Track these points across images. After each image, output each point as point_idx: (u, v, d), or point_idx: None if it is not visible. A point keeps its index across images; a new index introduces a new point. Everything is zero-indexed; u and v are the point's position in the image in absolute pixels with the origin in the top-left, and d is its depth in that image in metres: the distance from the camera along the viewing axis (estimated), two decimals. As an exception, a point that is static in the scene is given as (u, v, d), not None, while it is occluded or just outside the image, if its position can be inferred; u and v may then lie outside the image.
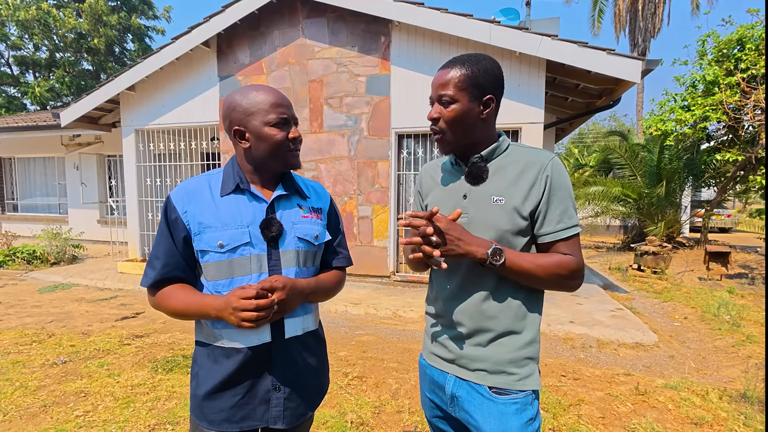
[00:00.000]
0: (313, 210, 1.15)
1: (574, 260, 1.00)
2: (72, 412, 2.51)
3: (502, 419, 1.00)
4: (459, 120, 1.02)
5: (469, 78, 1.00)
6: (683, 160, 9.09)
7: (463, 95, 1.00)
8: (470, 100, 1.01)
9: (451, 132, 1.04)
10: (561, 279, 1.00)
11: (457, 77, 1.00)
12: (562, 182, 1.01)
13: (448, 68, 1.03)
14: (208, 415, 1.04)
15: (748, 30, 6.87)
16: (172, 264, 1.04)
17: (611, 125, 25.62)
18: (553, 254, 1.01)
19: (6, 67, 17.81)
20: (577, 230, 1.02)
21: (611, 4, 19.52)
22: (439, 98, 1.03)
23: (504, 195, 1.01)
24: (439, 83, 1.03)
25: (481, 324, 1.04)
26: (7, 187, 10.73)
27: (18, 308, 4.85)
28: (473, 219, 1.04)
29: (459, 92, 1.00)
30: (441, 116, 1.03)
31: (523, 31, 4.82)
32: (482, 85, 1.01)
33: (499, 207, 1.02)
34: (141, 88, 6.55)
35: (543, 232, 1.02)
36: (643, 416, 2.54)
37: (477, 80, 1.00)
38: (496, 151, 1.07)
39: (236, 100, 1.03)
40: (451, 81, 1.01)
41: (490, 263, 0.96)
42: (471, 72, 1.00)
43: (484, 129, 1.05)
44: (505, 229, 1.01)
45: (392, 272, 5.73)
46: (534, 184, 1.00)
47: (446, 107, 1.02)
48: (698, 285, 6.26)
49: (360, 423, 2.42)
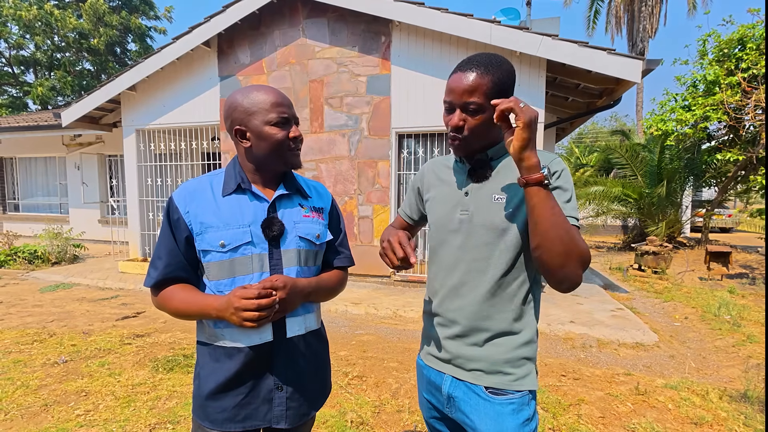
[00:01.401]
0: (315, 209, 1.15)
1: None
2: (73, 411, 2.52)
3: (498, 420, 1.00)
4: (484, 129, 0.99)
5: (496, 85, 0.96)
6: (684, 160, 9.08)
7: (488, 103, 0.96)
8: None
9: (472, 139, 1.01)
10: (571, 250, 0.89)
11: (486, 84, 0.95)
12: (563, 181, 0.99)
13: (471, 71, 0.96)
14: (210, 415, 1.04)
15: (749, 29, 6.87)
16: (175, 264, 1.04)
17: (612, 125, 25.61)
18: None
19: (8, 67, 17.84)
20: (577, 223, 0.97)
21: (606, 4, 19.51)
22: (465, 105, 0.97)
23: (505, 194, 1.01)
24: (464, 89, 0.96)
25: (477, 324, 1.04)
26: (8, 186, 10.75)
27: (19, 308, 4.86)
28: (473, 216, 1.04)
29: (487, 100, 0.95)
30: (465, 125, 0.99)
31: (524, 30, 4.82)
32: (507, 92, 0.98)
33: (500, 206, 1.01)
34: (142, 88, 6.55)
35: None
36: (643, 416, 2.54)
37: (504, 86, 0.97)
38: (502, 150, 1.06)
39: (237, 99, 1.03)
40: (479, 88, 0.95)
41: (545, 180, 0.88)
42: (498, 78, 0.96)
43: (496, 131, 1.04)
44: (504, 227, 1.01)
45: (392, 272, 5.73)
46: None
47: (473, 116, 0.98)
48: (699, 285, 6.26)
49: (360, 422, 2.42)
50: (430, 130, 5.47)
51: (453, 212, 1.08)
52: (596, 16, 19.37)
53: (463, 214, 1.05)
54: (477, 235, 1.03)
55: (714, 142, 8.49)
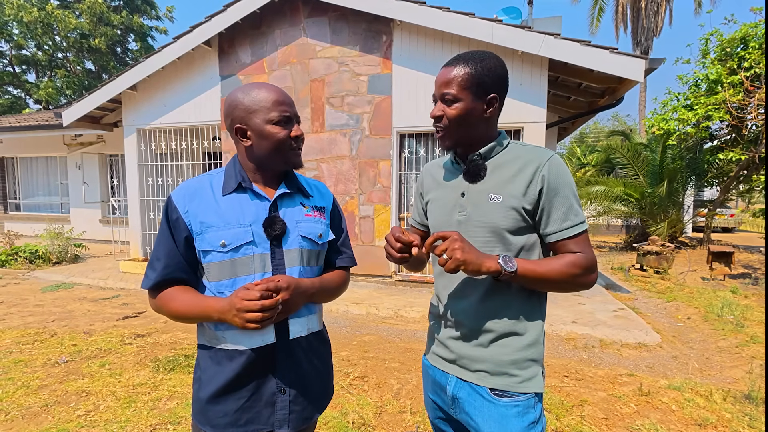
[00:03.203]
0: (317, 209, 1.14)
1: (584, 257, 0.98)
2: (74, 412, 2.51)
3: (502, 422, 0.99)
4: (462, 119, 1.01)
5: (472, 77, 0.99)
6: (686, 160, 9.05)
7: (466, 94, 0.99)
8: (473, 98, 1.00)
9: (453, 130, 1.03)
10: (575, 278, 0.97)
11: (461, 76, 0.99)
12: (562, 180, 0.99)
13: (451, 66, 1.01)
14: (211, 420, 1.02)
15: (751, 28, 6.83)
16: (174, 265, 1.02)
17: (613, 125, 25.57)
18: (563, 255, 0.99)
19: (9, 67, 17.86)
20: (585, 227, 1.00)
21: (612, 2, 19.46)
22: (442, 96, 1.01)
23: (501, 193, 1.01)
24: (443, 81, 1.01)
25: (482, 324, 1.03)
26: (9, 186, 10.76)
27: (20, 307, 4.86)
28: (471, 217, 1.03)
29: (462, 91, 0.99)
30: (444, 114, 1.02)
31: (526, 29, 4.80)
32: (486, 84, 1.00)
33: (497, 205, 1.01)
34: (143, 87, 6.55)
35: (549, 231, 1.00)
36: (646, 417, 2.52)
37: (481, 79, 0.99)
38: (495, 149, 1.06)
39: (238, 98, 1.02)
40: (454, 79, 0.99)
41: (505, 272, 0.93)
42: (475, 70, 0.99)
43: (487, 127, 1.05)
44: (502, 227, 1.00)
45: (394, 272, 5.72)
46: (530, 182, 0.99)
47: (449, 105, 1.01)
48: (701, 285, 6.24)
49: (362, 423, 2.41)
50: (431, 130, 5.45)
51: (452, 214, 1.08)
52: (600, 14, 19.31)
53: (461, 216, 1.05)
54: (476, 235, 1.02)
55: (716, 141, 8.45)
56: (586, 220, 0.99)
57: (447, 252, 0.92)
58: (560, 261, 0.98)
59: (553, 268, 0.96)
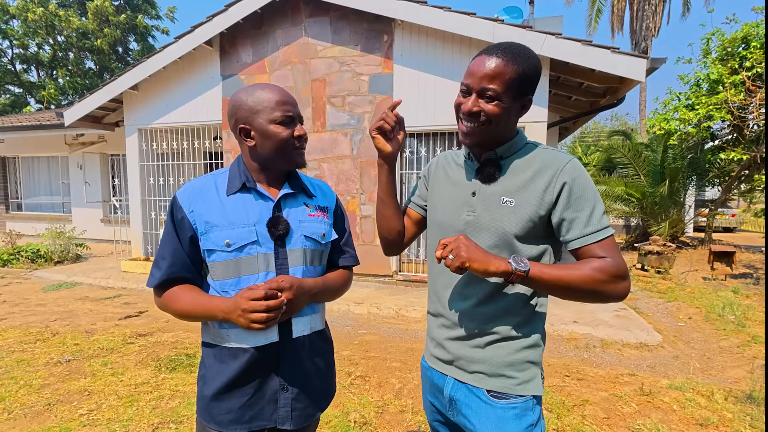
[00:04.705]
0: (320, 209, 1.14)
1: (612, 262, 0.89)
2: (76, 411, 2.52)
3: (499, 424, 0.97)
4: (500, 118, 0.94)
5: (519, 76, 0.92)
6: (687, 160, 9.04)
7: (508, 94, 0.92)
8: (513, 98, 0.94)
9: (486, 129, 0.96)
10: (600, 284, 0.89)
11: (509, 73, 0.91)
12: (583, 185, 0.93)
13: (496, 57, 0.91)
14: (216, 417, 1.04)
15: (752, 28, 6.81)
16: (179, 264, 1.03)
17: (613, 124, 25.54)
18: (588, 260, 0.92)
19: (10, 66, 17.89)
20: (610, 232, 0.93)
21: (609, 3, 19.43)
22: (482, 91, 0.92)
23: (515, 197, 0.96)
24: (485, 74, 0.91)
25: (480, 325, 1.01)
26: (11, 186, 10.77)
27: (22, 307, 4.87)
28: (480, 219, 1.00)
29: (506, 90, 0.92)
30: (481, 111, 0.94)
31: (527, 29, 4.80)
32: (528, 88, 0.95)
33: (509, 209, 0.96)
34: (144, 87, 6.56)
35: (570, 237, 0.94)
36: (647, 417, 2.53)
37: (526, 81, 0.93)
38: (512, 149, 1.01)
39: (241, 98, 1.03)
40: (500, 75, 0.91)
41: (517, 272, 0.87)
42: (522, 70, 0.92)
43: (511, 127, 1.00)
44: (511, 233, 0.96)
45: (395, 271, 5.73)
46: (547, 188, 0.94)
47: (489, 102, 0.93)
48: (702, 285, 6.23)
49: (363, 422, 2.42)
50: (432, 130, 5.46)
51: (459, 212, 1.04)
52: (598, 15, 19.28)
53: (470, 215, 1.02)
54: (483, 238, 0.98)
55: (717, 141, 8.43)
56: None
57: (452, 251, 0.90)
58: (583, 265, 0.90)
59: (575, 272, 0.89)
